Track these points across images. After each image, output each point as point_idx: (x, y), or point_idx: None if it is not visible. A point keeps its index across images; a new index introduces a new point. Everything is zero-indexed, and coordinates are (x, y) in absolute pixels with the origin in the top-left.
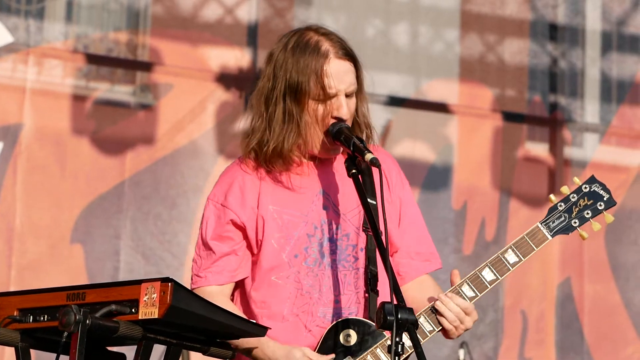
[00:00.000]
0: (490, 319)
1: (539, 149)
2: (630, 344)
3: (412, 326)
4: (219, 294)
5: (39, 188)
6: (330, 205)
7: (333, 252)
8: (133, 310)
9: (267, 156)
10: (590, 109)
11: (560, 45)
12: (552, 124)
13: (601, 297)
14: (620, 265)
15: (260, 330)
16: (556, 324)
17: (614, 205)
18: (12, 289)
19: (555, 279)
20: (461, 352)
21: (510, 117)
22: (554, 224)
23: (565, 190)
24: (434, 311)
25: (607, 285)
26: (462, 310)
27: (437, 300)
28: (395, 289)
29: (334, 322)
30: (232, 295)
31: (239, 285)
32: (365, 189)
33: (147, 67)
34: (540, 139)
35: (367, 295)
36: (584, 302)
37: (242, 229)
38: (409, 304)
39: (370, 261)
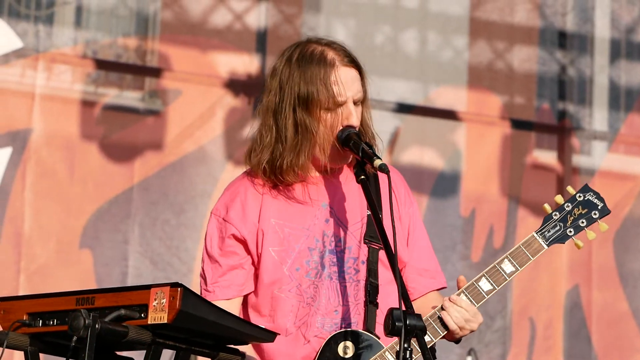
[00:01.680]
0: (498, 326)
1: (548, 157)
2: (638, 351)
3: (420, 332)
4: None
5: (48, 193)
6: (334, 217)
7: (334, 264)
8: (142, 315)
9: (280, 170)
10: (598, 117)
11: (569, 52)
12: (561, 131)
13: (609, 304)
14: (628, 273)
15: (269, 336)
16: (564, 332)
17: (608, 213)
18: (20, 294)
19: (563, 286)
20: (469, 359)
21: (519, 124)
22: (550, 234)
23: (559, 199)
24: (438, 318)
25: (615, 293)
26: (467, 312)
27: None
28: (403, 295)
29: (332, 334)
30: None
31: (244, 299)
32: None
33: (156, 72)
34: (548, 146)
35: (366, 307)
36: (592, 310)
37: (244, 242)
38: None
39: (370, 274)
